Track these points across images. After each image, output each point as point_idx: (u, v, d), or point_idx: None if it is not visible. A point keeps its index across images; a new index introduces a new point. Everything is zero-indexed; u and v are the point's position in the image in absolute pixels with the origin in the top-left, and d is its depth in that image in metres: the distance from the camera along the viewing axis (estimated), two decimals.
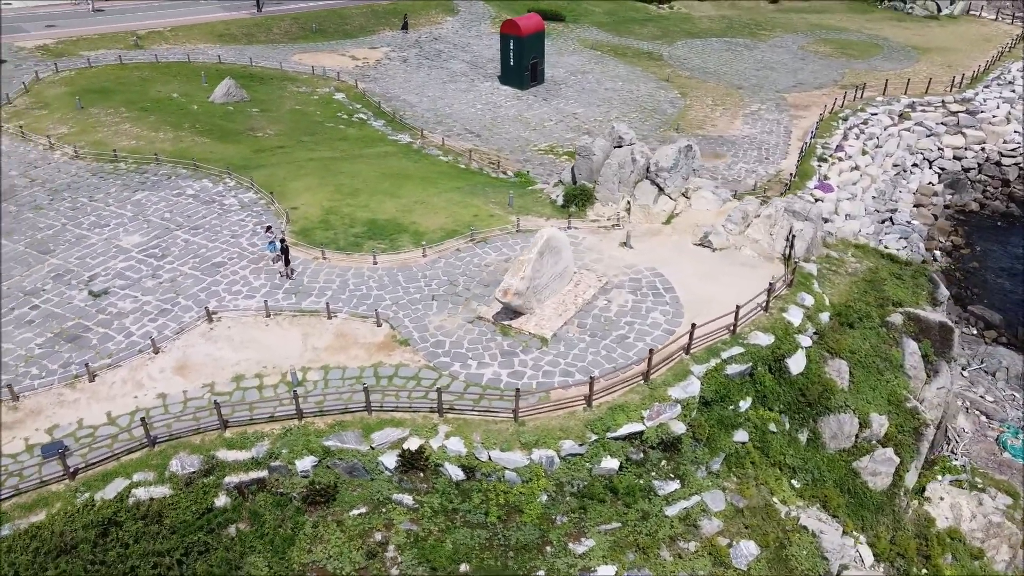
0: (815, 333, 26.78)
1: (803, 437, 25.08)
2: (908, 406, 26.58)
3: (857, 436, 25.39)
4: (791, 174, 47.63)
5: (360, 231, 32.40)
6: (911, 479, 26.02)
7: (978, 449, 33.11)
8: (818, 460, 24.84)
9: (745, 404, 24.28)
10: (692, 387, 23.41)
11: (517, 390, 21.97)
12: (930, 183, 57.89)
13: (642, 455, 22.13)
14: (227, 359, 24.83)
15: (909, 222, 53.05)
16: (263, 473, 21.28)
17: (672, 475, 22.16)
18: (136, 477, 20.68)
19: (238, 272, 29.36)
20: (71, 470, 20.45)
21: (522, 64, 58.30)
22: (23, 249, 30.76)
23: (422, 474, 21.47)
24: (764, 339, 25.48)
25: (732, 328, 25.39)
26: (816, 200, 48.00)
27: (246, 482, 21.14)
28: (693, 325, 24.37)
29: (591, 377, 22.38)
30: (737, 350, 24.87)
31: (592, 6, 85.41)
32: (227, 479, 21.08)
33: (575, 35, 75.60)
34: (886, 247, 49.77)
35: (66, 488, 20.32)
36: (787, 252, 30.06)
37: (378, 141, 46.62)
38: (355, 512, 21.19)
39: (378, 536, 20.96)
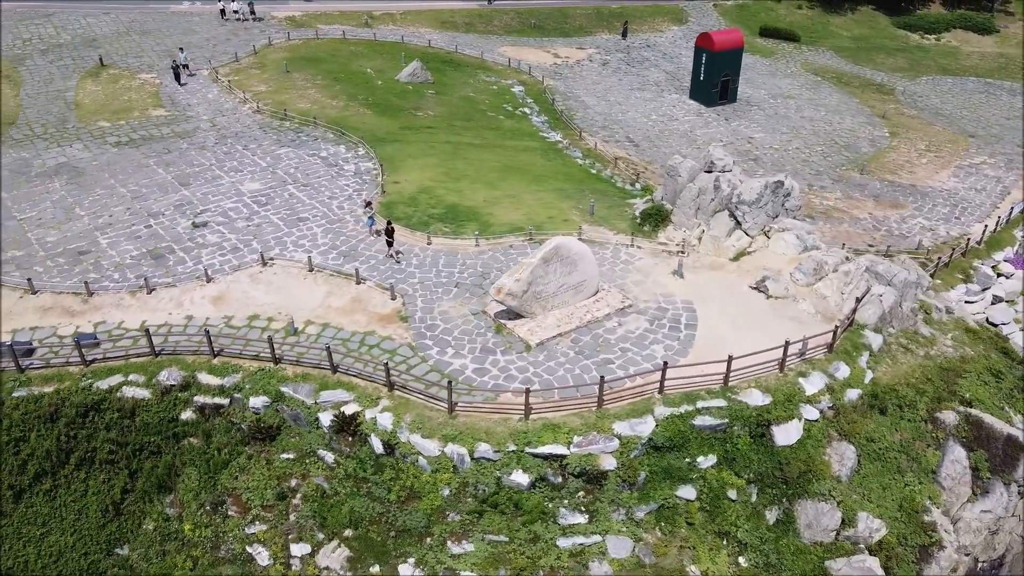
0: (831, 408, 23.62)
1: (772, 516, 22.37)
2: (924, 519, 22.49)
3: (838, 532, 22.08)
4: (969, 238, 40.96)
5: (438, 213, 34.02)
6: None
7: None
8: (782, 545, 22.02)
9: (706, 461, 22.26)
10: (644, 427, 22.01)
11: (449, 382, 22.28)
12: None
13: (561, 480, 21.36)
14: (256, 299, 27.81)
15: None
16: (225, 401, 23.83)
17: (583, 508, 21.13)
18: (131, 377, 24.24)
19: (312, 228, 32.44)
20: (87, 359, 24.52)
21: (711, 80, 55.98)
22: (170, 179, 36.53)
23: (351, 439, 22.66)
24: (758, 399, 23.09)
25: (724, 378, 23.31)
26: (999, 275, 41.00)
27: (209, 405, 23.84)
28: (665, 364, 22.81)
29: (527, 388, 21.99)
30: (718, 403, 22.83)
31: (840, 29, 78.85)
32: (197, 398, 23.93)
33: (802, 57, 70.52)
34: None
35: (79, 371, 24.42)
36: (852, 316, 26.58)
37: (526, 135, 47.86)
38: (284, 456, 23.01)
39: (293, 483, 22.61)
